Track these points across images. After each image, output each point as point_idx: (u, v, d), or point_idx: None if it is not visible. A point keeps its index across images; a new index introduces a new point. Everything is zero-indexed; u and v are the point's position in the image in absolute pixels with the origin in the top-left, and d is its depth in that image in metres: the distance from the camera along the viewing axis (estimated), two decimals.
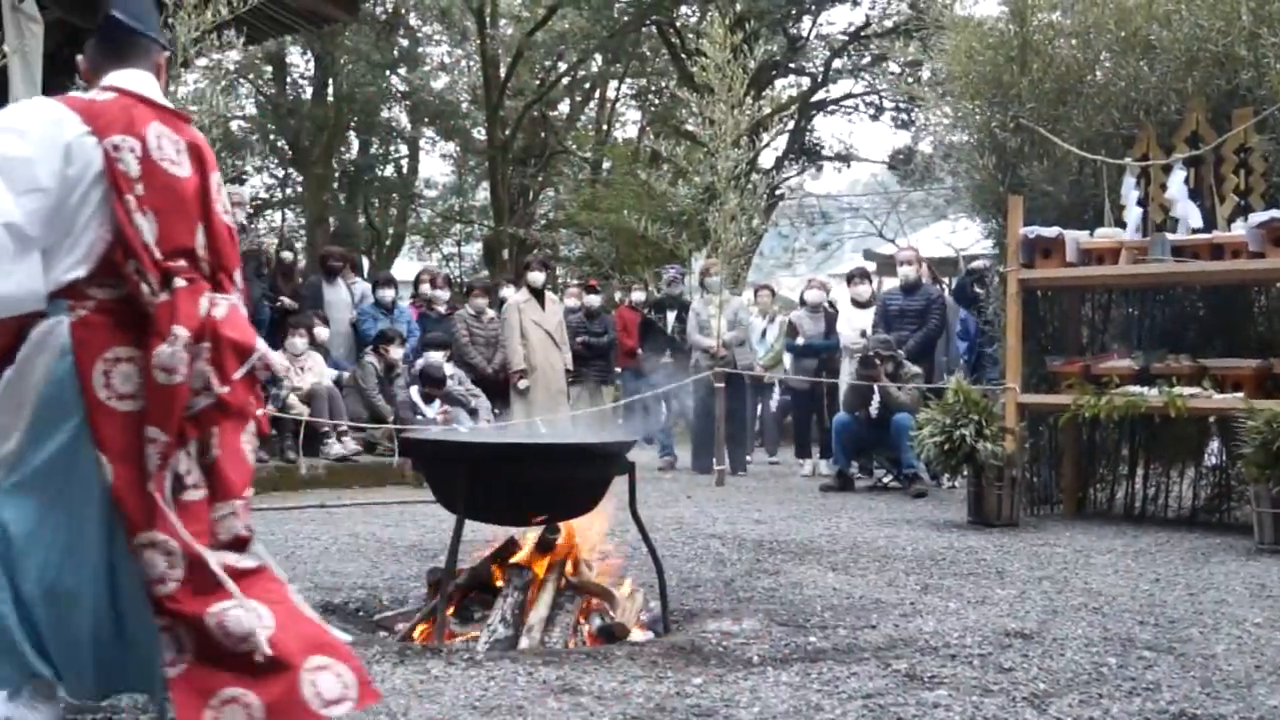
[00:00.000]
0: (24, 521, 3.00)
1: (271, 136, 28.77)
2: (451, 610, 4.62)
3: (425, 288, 13.85)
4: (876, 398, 10.48)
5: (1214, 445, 8.97)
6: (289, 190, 30.86)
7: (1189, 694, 3.74)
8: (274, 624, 2.98)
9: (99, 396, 3.01)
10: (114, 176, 3.02)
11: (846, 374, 11.98)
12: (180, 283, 3.09)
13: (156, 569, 2.96)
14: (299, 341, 11.10)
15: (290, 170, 29.95)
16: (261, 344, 3.33)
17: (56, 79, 10.67)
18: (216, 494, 3.14)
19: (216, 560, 3.02)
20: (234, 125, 26.78)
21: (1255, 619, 4.95)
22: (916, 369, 10.67)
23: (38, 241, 2.97)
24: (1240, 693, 3.77)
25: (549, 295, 13.29)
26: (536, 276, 13.00)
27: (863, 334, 11.71)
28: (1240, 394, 7.78)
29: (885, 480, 11.18)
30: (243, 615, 2.95)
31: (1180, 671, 4.03)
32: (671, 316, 13.08)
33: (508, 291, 13.37)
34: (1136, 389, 8.07)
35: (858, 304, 12.35)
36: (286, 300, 12.00)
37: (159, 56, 3.40)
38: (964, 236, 18.10)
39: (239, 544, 3.15)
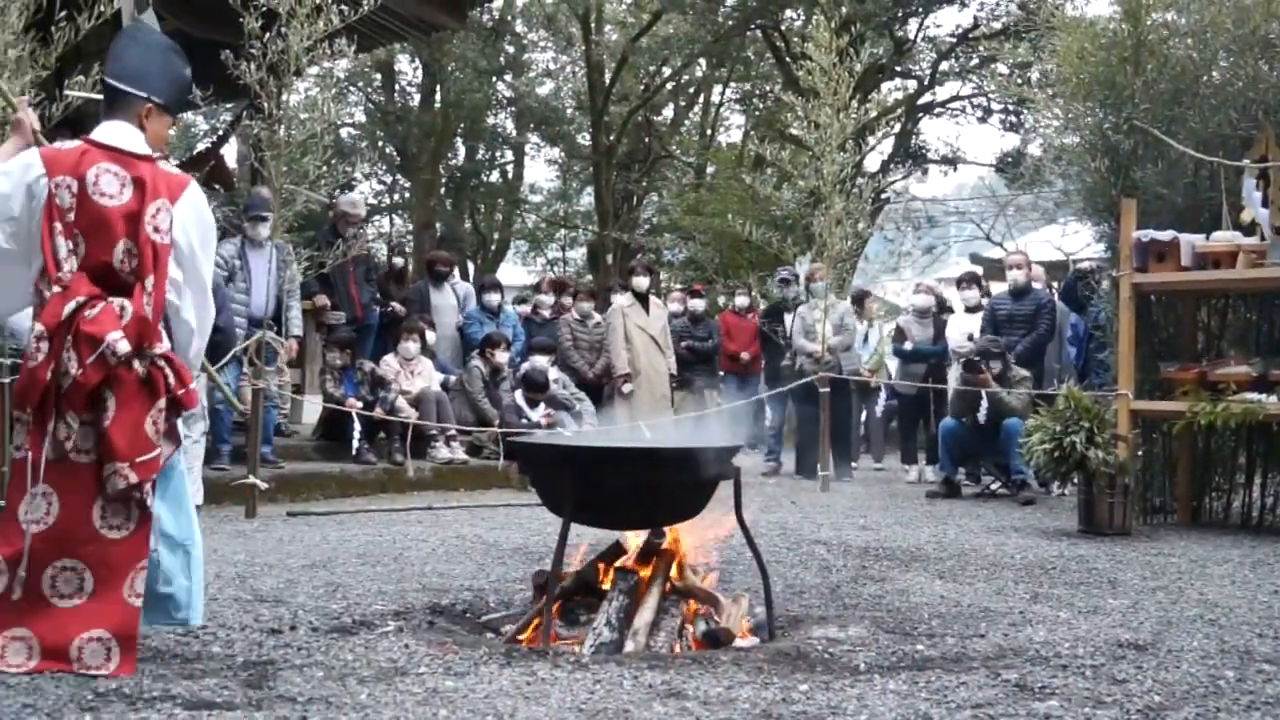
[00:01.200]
0: None
1: (380, 143, 29.21)
2: (557, 613, 4.64)
3: (545, 297, 13.94)
4: (985, 403, 10.34)
5: None
6: (396, 196, 31.31)
7: None
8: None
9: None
10: (49, 207, 3.98)
11: (954, 379, 11.84)
12: (55, 289, 3.95)
13: None
14: (411, 346, 11.24)
15: (398, 176, 30.39)
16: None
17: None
18: (104, 457, 3.92)
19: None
20: (344, 132, 27.28)
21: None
22: (1025, 372, 10.50)
23: (14, 255, 4.03)
24: None
25: (653, 299, 13.31)
26: (641, 281, 13.02)
27: (970, 338, 11.57)
28: None
29: (993, 487, 11.03)
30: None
31: None
32: (788, 320, 12.99)
33: (618, 297, 13.40)
34: (1254, 396, 7.88)
35: (966, 309, 12.21)
36: (397, 306, 12.16)
37: (140, 107, 4.28)
38: (1073, 240, 17.83)
39: (124, 498, 3.96)
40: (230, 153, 14.45)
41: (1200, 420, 7.93)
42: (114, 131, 4.19)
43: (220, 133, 11.37)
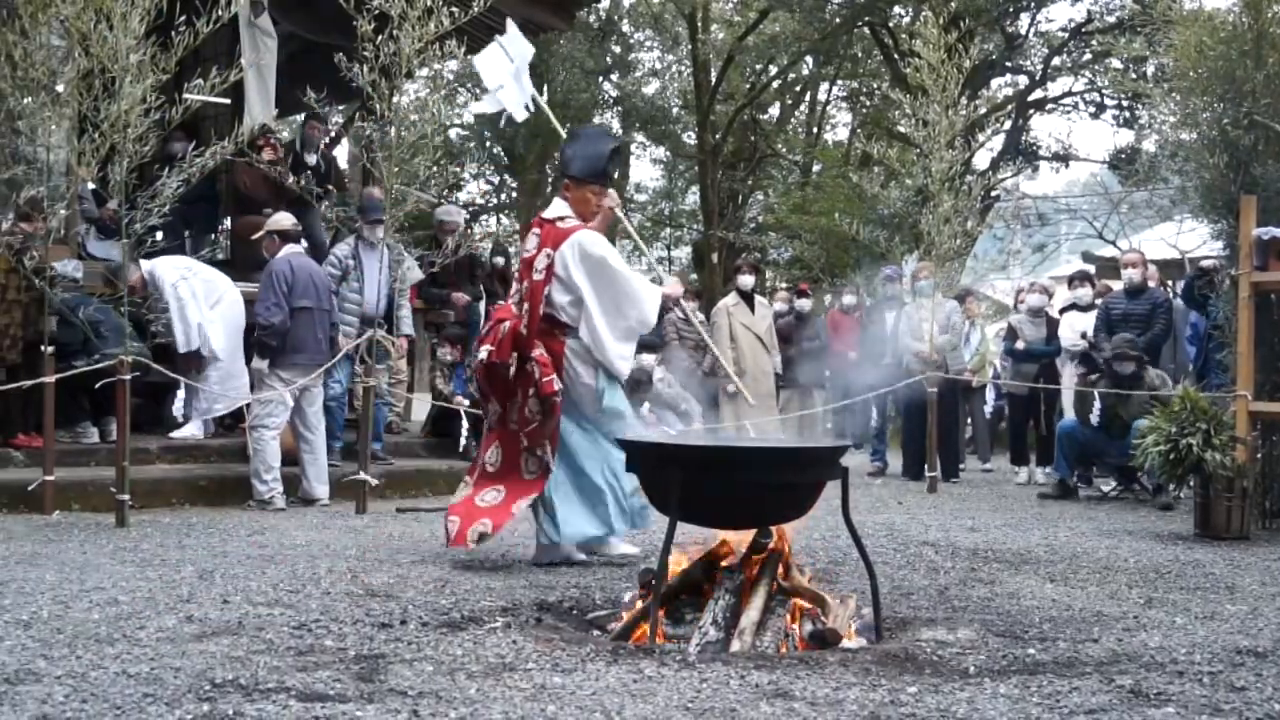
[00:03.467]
0: None
1: (488, 143, 29.45)
2: (664, 611, 4.65)
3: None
4: (1097, 404, 10.16)
5: None
6: (504, 196, 31.55)
7: None
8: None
9: None
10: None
11: (1069, 379, 11.65)
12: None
13: None
14: None
15: (505, 176, 30.62)
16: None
17: (289, 91, 11.20)
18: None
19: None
20: (453, 133, 27.54)
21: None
22: (1161, 372, 10.25)
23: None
24: None
25: (758, 299, 13.27)
26: (746, 280, 13.00)
27: (1083, 336, 11.37)
28: None
29: (1109, 490, 10.83)
30: None
31: None
32: (890, 318, 12.88)
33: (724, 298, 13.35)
34: None
35: (1078, 307, 12.00)
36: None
37: (565, 183, 6.50)
38: (1189, 238, 17.44)
39: (531, 452, 6.23)
40: (342, 154, 14.69)
41: None
42: (556, 206, 6.41)
43: (325, 134, 11.51)
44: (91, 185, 9.77)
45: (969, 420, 14.85)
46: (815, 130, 30.85)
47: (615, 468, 6.11)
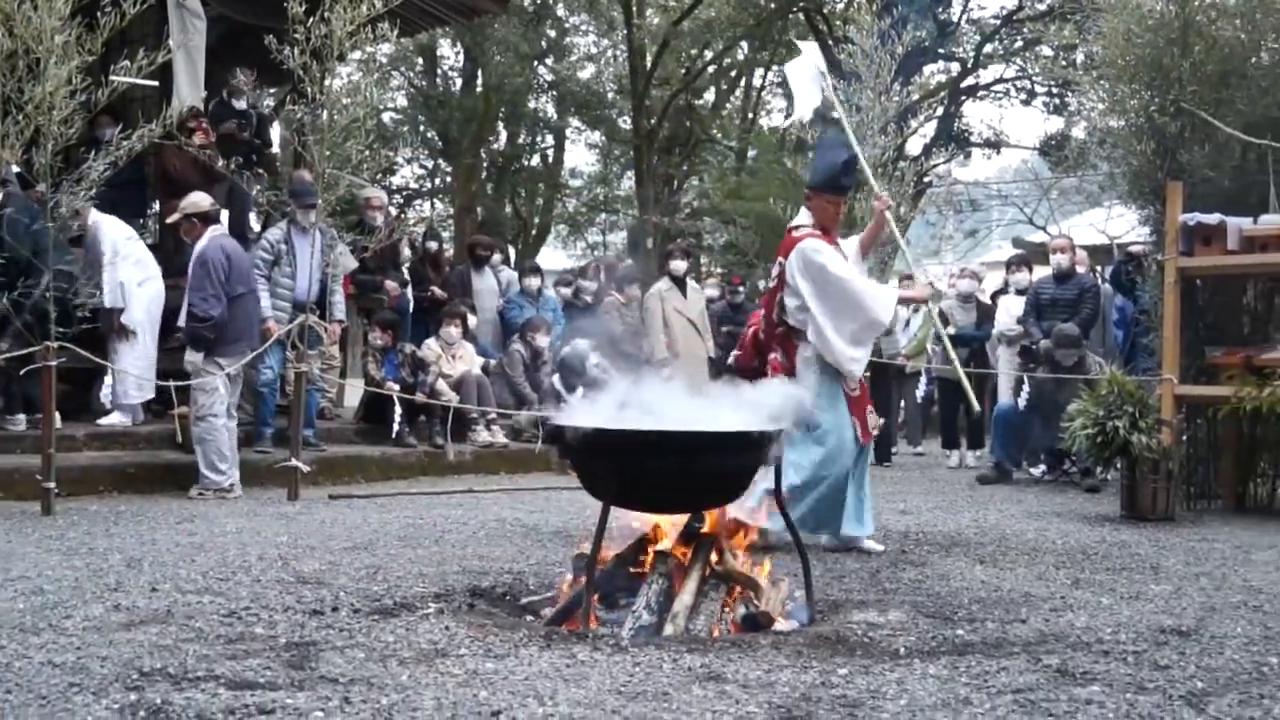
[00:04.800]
0: None
1: (422, 127, 29.26)
2: (597, 596, 4.65)
3: (588, 282, 13.87)
4: (1026, 388, 10.28)
5: None
6: (438, 180, 31.36)
7: None
8: None
9: None
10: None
11: (1004, 363, 11.76)
12: None
13: None
14: (453, 330, 11.29)
15: (439, 160, 30.42)
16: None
17: (218, 73, 11.06)
18: None
19: None
20: (386, 117, 27.34)
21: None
22: (1100, 359, 10.36)
23: None
24: None
25: (691, 283, 13.28)
26: (679, 265, 13.00)
27: (1018, 321, 11.48)
28: None
29: (1033, 472, 10.96)
30: None
31: None
32: None
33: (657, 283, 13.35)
34: None
35: (1016, 291, 12.12)
36: (436, 290, 12.20)
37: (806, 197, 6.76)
38: (1118, 224, 17.65)
39: None
40: (274, 138, 14.53)
41: (1245, 405, 7.86)
42: (799, 215, 6.68)
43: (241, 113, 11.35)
44: (16, 169, 9.59)
45: (902, 405, 14.95)
46: (750, 115, 30.90)
47: (817, 473, 6.38)
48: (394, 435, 10.58)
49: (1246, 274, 8.69)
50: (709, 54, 28.67)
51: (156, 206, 12.51)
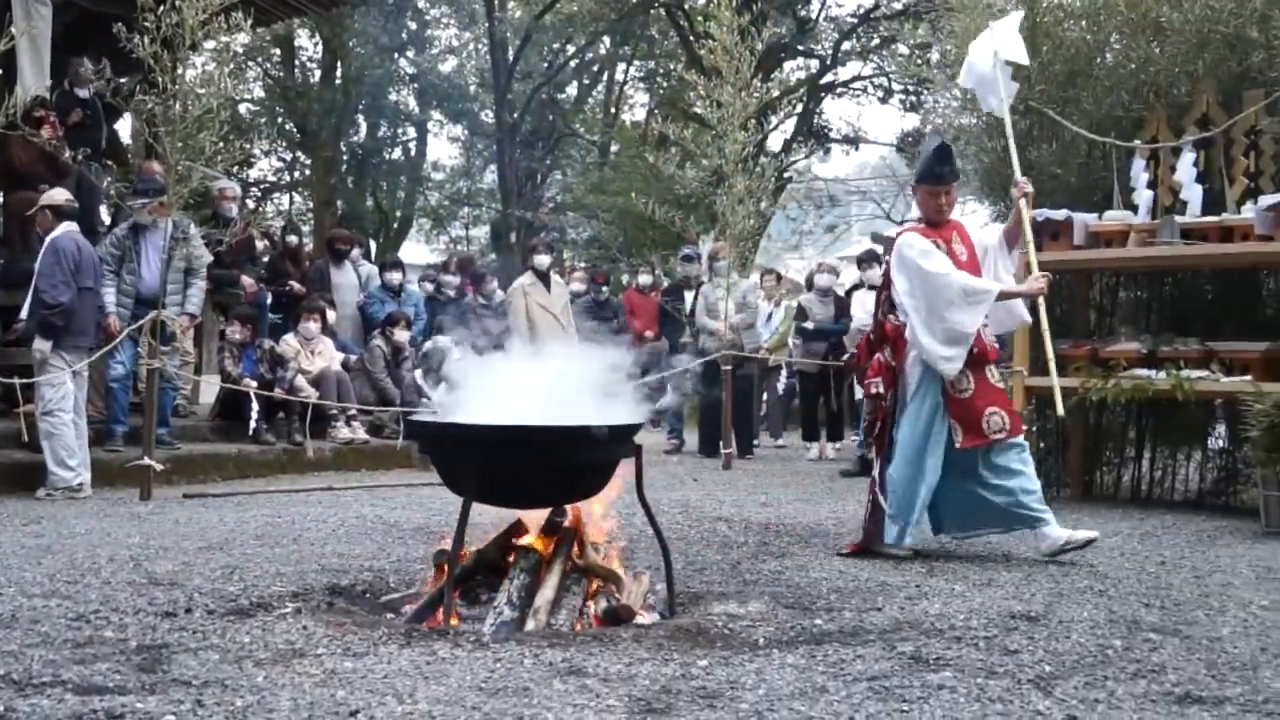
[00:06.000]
0: None
1: (279, 119, 28.76)
2: (458, 592, 4.62)
3: (451, 277, 13.74)
4: None
5: (1220, 429, 8.96)
6: (296, 173, 30.85)
7: (1194, 676, 3.74)
8: None
9: None
10: None
11: None
12: None
13: None
14: (311, 325, 11.12)
15: (298, 153, 29.93)
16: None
17: (65, 61, 10.72)
18: None
19: None
20: (242, 108, 26.80)
21: (1261, 601, 4.95)
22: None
23: None
24: (1245, 675, 3.77)
25: (554, 278, 13.27)
26: (542, 259, 12.98)
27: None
28: (1248, 377, 7.76)
29: None
30: None
31: (1185, 654, 4.03)
32: (690, 297, 13.02)
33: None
34: (1144, 372, 8.05)
35: (869, 286, 12.32)
36: (295, 285, 12.02)
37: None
38: (972, 220, 18.04)
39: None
40: (124, 128, 14.14)
41: (1092, 396, 8.09)
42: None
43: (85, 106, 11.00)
44: None
45: (764, 398, 15.13)
46: (613, 110, 30.97)
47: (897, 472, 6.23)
48: (251, 432, 10.39)
49: (1092, 268, 8.95)
50: (571, 48, 28.67)
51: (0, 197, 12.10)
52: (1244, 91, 8.20)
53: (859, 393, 11.76)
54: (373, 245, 27.80)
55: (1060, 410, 6.55)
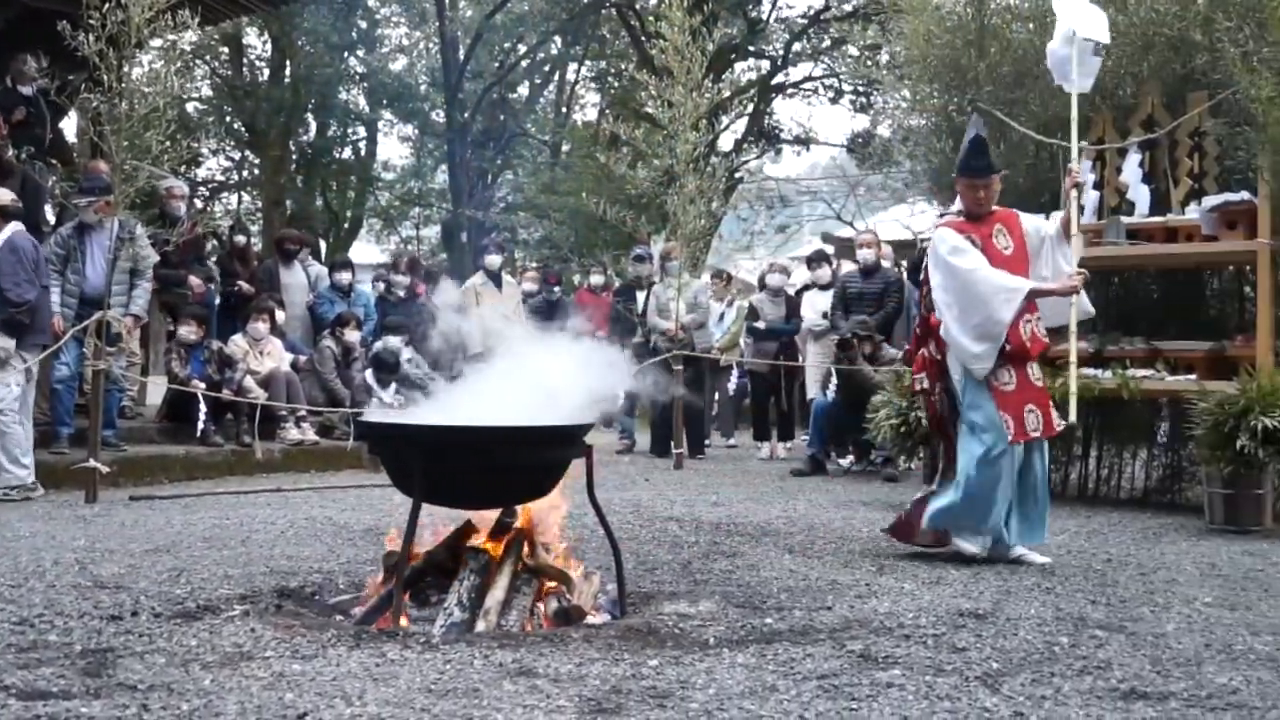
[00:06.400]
0: None
1: (228, 118, 28.50)
2: (408, 594, 4.60)
3: (401, 277, 13.61)
4: (834, 380, 10.52)
5: (1165, 427, 9.05)
6: (245, 173, 30.58)
7: (1139, 672, 3.78)
8: None
9: None
10: None
11: (813, 356, 12.01)
12: None
13: None
14: (260, 326, 11.04)
15: (247, 153, 29.67)
16: None
17: (8, 58, 10.58)
18: None
19: None
20: (189, 107, 26.53)
21: (1205, 598, 5.01)
22: (895, 351, 10.64)
23: None
24: (1190, 670, 3.82)
25: (506, 278, 13.24)
26: (493, 259, 12.95)
27: (824, 315, 11.73)
28: (1192, 376, 7.85)
29: (841, 463, 11.21)
30: None
31: (1131, 650, 4.08)
32: (641, 298, 13.02)
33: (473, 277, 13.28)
34: (1091, 371, 8.12)
35: (819, 286, 12.39)
36: (243, 285, 11.93)
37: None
38: (922, 220, 18.18)
39: None
40: (70, 127, 13.98)
41: None
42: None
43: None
44: None
45: (715, 397, 15.15)
46: (564, 110, 30.92)
47: (968, 470, 5.93)
48: (199, 434, 10.29)
49: None
50: (522, 48, 28.60)
51: None
52: (1188, 93, 8.30)
53: (810, 392, 11.84)
54: (323, 245, 27.63)
55: (1072, 415, 6.37)
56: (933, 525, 6.11)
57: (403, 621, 4.41)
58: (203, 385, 10.27)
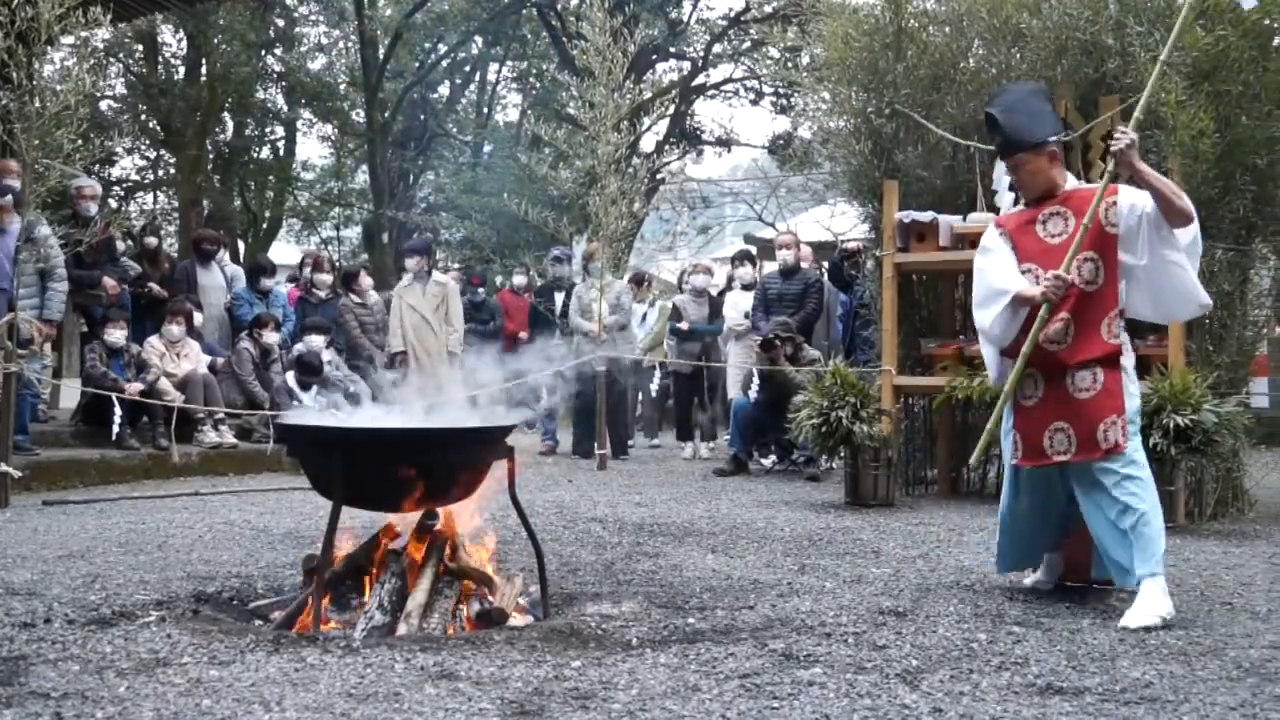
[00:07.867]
0: None
1: (142, 117, 28.10)
2: (328, 598, 4.56)
3: (308, 271, 13.49)
4: (756, 380, 10.57)
5: None
6: (161, 172, 30.17)
7: (1055, 667, 3.84)
8: None
9: None
10: None
11: (734, 357, 12.05)
12: None
13: None
14: (175, 328, 10.88)
15: (162, 151, 29.26)
16: None
17: None
18: None
19: None
20: (103, 105, 26.13)
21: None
22: (816, 352, 10.72)
23: None
24: (1104, 665, 3.88)
25: (436, 275, 13.17)
26: (414, 262, 12.87)
27: (745, 316, 11.79)
28: None
29: (764, 462, 11.28)
30: None
31: (1047, 646, 4.13)
32: (560, 298, 13.01)
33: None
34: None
35: (742, 286, 12.45)
36: (154, 286, 11.75)
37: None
38: (842, 221, 18.33)
39: None
40: None
41: (958, 395, 8.25)
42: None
43: None
44: None
45: (639, 398, 15.18)
46: (485, 111, 30.85)
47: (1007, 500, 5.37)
48: (114, 437, 10.11)
49: (958, 269, 9.12)
50: (443, 47, 28.48)
51: None
52: (1100, 97, 8.43)
53: (730, 392, 11.89)
54: (241, 246, 27.33)
55: (974, 458, 6.02)
56: (999, 569, 5.51)
57: (323, 625, 4.36)
58: (123, 388, 10.10)
